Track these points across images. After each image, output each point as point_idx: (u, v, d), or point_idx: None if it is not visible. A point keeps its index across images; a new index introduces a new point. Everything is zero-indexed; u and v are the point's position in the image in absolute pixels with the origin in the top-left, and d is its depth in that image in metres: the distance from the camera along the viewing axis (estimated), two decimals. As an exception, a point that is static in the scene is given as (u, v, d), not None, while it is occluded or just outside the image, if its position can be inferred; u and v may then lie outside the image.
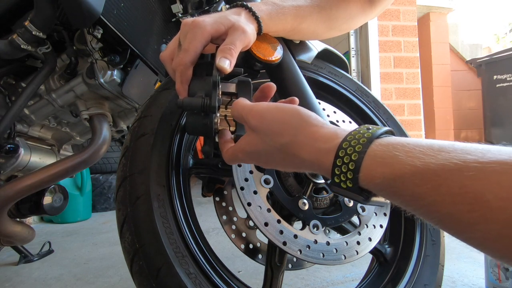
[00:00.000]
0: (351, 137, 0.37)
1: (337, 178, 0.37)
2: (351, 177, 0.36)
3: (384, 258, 0.76)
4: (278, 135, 0.43)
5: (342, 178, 0.37)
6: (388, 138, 0.36)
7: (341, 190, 0.37)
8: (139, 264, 0.54)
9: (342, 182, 0.37)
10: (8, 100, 0.89)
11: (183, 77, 0.53)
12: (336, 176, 0.37)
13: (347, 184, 0.36)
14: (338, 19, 0.70)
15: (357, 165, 0.35)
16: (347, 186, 0.36)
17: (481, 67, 3.29)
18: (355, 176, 0.35)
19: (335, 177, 0.37)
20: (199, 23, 0.53)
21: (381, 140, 0.36)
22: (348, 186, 0.36)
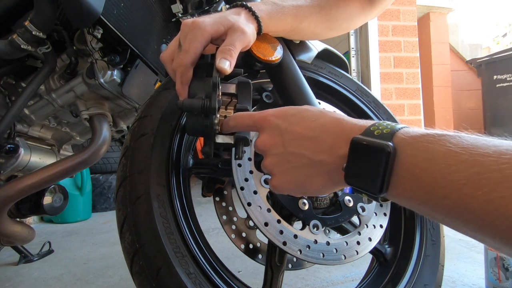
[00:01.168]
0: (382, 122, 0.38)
1: (374, 127, 0.37)
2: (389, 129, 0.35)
3: (384, 258, 0.76)
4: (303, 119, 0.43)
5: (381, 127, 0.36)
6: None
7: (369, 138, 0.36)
8: (139, 264, 0.54)
9: (377, 131, 0.36)
10: (8, 100, 0.89)
11: (183, 78, 0.53)
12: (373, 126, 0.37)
13: (384, 131, 0.35)
14: (338, 19, 0.70)
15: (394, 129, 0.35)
16: (381, 133, 0.35)
17: (481, 67, 3.29)
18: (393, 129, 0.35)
19: (371, 127, 0.37)
20: (199, 23, 0.53)
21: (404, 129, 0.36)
22: (383, 133, 0.35)
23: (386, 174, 0.34)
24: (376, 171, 0.34)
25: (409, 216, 0.79)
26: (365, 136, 0.36)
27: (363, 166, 0.36)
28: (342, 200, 0.66)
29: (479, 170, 0.28)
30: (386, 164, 0.33)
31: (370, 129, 0.37)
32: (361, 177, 0.36)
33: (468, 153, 0.29)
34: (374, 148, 0.34)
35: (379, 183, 0.34)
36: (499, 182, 0.27)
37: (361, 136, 0.37)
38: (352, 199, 0.67)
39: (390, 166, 0.34)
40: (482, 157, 0.28)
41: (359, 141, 0.36)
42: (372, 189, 0.35)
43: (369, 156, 0.35)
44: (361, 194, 0.38)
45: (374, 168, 0.34)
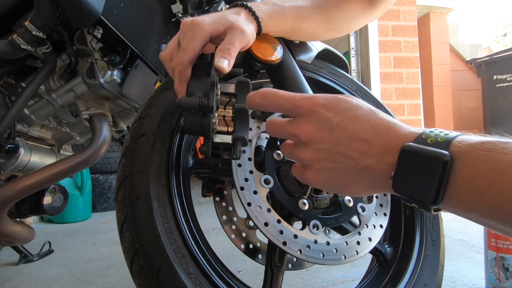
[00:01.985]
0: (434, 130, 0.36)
1: (426, 135, 0.35)
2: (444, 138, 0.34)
3: (384, 258, 0.76)
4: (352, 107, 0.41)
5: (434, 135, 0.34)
6: None
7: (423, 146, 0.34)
8: (139, 264, 0.54)
9: (430, 138, 0.34)
10: (8, 100, 0.89)
11: (182, 76, 0.53)
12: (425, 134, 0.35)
13: (438, 139, 0.34)
14: (338, 20, 0.70)
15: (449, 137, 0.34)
16: (435, 141, 0.34)
17: (481, 67, 3.29)
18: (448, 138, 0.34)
19: (423, 134, 0.35)
20: (198, 22, 0.53)
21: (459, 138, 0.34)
22: (438, 141, 0.33)
23: (442, 184, 0.32)
24: (431, 181, 0.32)
25: (409, 216, 0.79)
26: (417, 144, 0.34)
27: (416, 175, 0.34)
28: (342, 200, 0.66)
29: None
30: (443, 174, 0.32)
31: (422, 137, 0.35)
32: (413, 187, 0.34)
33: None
34: (429, 157, 0.33)
35: (434, 193, 0.32)
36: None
37: (414, 144, 0.35)
38: (352, 199, 0.67)
39: (447, 177, 0.32)
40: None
41: (412, 149, 0.34)
42: (426, 199, 0.33)
43: (424, 165, 0.33)
44: (411, 204, 0.36)
45: (429, 178, 0.33)
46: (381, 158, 0.38)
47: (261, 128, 0.66)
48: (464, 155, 0.32)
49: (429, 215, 0.79)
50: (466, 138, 0.33)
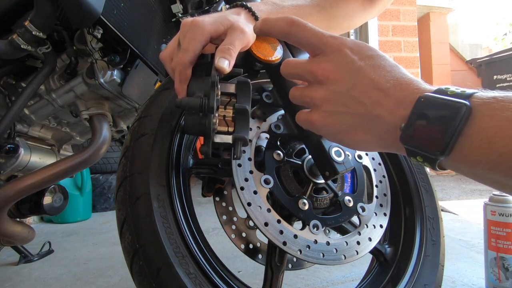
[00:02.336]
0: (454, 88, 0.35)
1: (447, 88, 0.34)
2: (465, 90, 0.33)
3: (384, 258, 0.76)
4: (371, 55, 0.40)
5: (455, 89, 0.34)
6: None
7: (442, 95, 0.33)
8: (139, 264, 0.54)
9: (450, 90, 0.33)
10: (8, 100, 0.89)
11: (182, 76, 0.53)
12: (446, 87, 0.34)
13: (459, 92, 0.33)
14: (338, 18, 0.70)
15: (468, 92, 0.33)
16: (455, 93, 0.33)
17: (481, 67, 3.30)
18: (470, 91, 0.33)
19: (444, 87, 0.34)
20: (198, 23, 0.53)
21: None
22: (457, 93, 0.33)
23: (454, 133, 0.31)
24: (445, 130, 0.32)
25: (409, 216, 0.79)
26: (436, 94, 0.34)
27: (428, 125, 0.33)
28: (342, 200, 0.66)
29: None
30: (459, 123, 0.31)
31: (443, 89, 0.34)
32: (422, 137, 0.33)
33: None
34: (448, 106, 0.32)
35: (443, 144, 0.32)
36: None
37: (431, 94, 0.34)
38: (352, 199, 0.67)
39: (461, 126, 0.31)
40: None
41: (430, 98, 0.34)
42: (433, 149, 0.33)
43: (439, 114, 0.32)
44: (415, 157, 0.35)
45: (443, 127, 0.32)
46: (394, 110, 0.37)
47: (261, 128, 0.66)
48: (484, 106, 0.31)
49: (429, 216, 0.79)
50: (488, 91, 0.32)
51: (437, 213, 0.81)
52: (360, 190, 0.70)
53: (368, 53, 0.41)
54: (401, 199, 0.81)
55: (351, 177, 0.71)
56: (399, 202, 0.80)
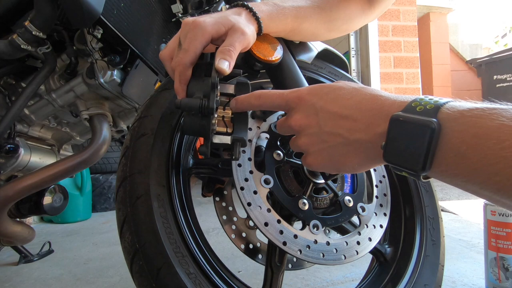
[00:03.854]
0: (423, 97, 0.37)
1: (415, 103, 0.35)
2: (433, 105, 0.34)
3: (384, 258, 0.76)
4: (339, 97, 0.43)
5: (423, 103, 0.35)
6: None
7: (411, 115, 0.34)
8: (139, 264, 0.54)
9: (419, 107, 0.34)
10: (8, 100, 0.89)
11: (182, 77, 0.53)
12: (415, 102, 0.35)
13: (427, 107, 0.34)
14: (338, 20, 0.70)
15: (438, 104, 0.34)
16: (424, 109, 0.34)
17: (481, 67, 3.30)
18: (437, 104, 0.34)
19: (412, 103, 0.36)
20: (200, 23, 0.53)
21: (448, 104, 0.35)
22: (426, 109, 0.34)
23: (429, 151, 0.33)
24: (419, 149, 0.33)
25: (409, 216, 0.79)
26: (406, 113, 0.35)
27: (405, 144, 0.35)
28: (342, 200, 0.66)
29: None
30: (430, 141, 0.32)
31: (412, 105, 0.36)
32: (402, 155, 0.35)
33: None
34: (417, 125, 0.33)
35: (422, 161, 0.33)
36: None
37: (402, 113, 0.35)
38: (352, 199, 0.67)
39: (435, 143, 0.33)
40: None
41: (400, 118, 0.35)
42: (414, 167, 0.34)
43: (412, 133, 0.34)
44: (401, 172, 0.37)
45: (417, 145, 0.33)
46: (368, 130, 0.39)
47: (261, 128, 0.66)
48: (452, 122, 0.32)
49: (429, 216, 0.79)
50: (455, 105, 0.34)
51: (437, 213, 0.81)
52: (360, 190, 0.70)
53: (324, 91, 0.45)
54: (401, 199, 0.81)
55: (351, 177, 0.71)
56: (399, 202, 0.80)
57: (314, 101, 0.44)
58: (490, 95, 3.23)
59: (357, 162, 0.43)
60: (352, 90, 0.43)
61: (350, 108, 0.41)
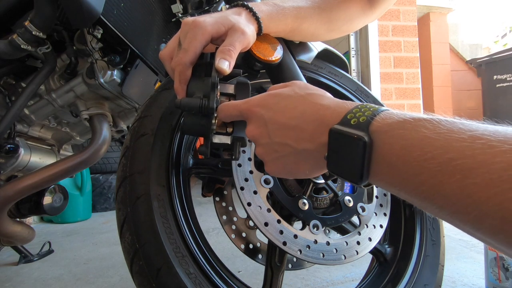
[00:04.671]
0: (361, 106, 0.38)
1: (351, 115, 0.37)
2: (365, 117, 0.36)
3: (384, 258, 0.76)
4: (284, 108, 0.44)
5: (358, 114, 0.36)
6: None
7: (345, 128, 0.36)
8: (139, 264, 0.54)
9: (353, 119, 0.36)
10: (8, 100, 0.89)
11: (182, 76, 0.53)
12: (350, 114, 0.37)
13: (360, 120, 0.36)
14: (338, 21, 0.70)
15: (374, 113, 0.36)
16: (357, 122, 0.36)
17: (481, 67, 3.29)
18: (369, 118, 0.35)
19: (348, 114, 0.37)
20: (200, 23, 0.53)
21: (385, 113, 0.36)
22: (359, 122, 0.36)
23: (364, 163, 0.34)
24: (355, 161, 0.35)
25: (409, 216, 0.79)
26: (342, 126, 0.37)
27: (343, 156, 0.37)
28: (342, 200, 0.66)
29: (453, 156, 0.28)
30: (364, 154, 0.34)
31: (347, 117, 0.37)
32: (342, 166, 0.37)
33: (443, 138, 0.30)
34: (351, 139, 0.35)
35: (359, 172, 0.35)
36: (471, 169, 0.27)
37: (338, 127, 0.37)
38: (352, 199, 0.67)
39: (368, 156, 0.34)
40: (457, 142, 0.29)
41: (337, 131, 0.37)
42: (353, 178, 0.36)
43: (347, 146, 0.35)
44: (344, 181, 0.38)
45: (353, 158, 0.35)
46: (313, 140, 0.41)
47: (261, 128, 0.66)
48: (382, 135, 0.34)
49: (429, 216, 0.79)
50: (387, 117, 0.35)
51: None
52: (360, 190, 0.70)
53: (272, 100, 0.46)
54: (401, 199, 0.81)
55: (351, 177, 0.71)
56: (399, 202, 0.80)
57: (263, 113, 0.46)
58: (490, 95, 3.23)
59: (308, 169, 0.44)
60: (297, 99, 0.44)
61: (296, 119, 0.43)
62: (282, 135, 0.44)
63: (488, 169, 0.26)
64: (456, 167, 0.28)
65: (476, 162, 0.27)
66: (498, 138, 0.27)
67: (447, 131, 0.30)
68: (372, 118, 0.35)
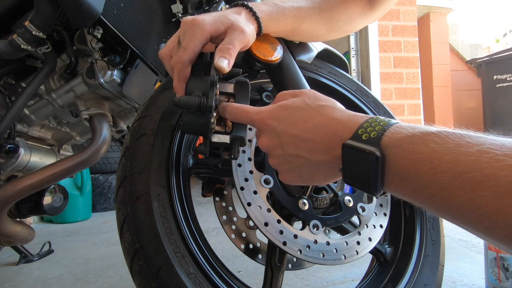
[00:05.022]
0: (371, 120, 0.40)
1: (362, 130, 0.38)
2: (376, 132, 0.37)
3: (384, 258, 0.76)
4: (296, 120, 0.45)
5: (369, 129, 0.38)
6: None
7: (357, 143, 0.37)
8: (139, 264, 0.54)
9: (364, 134, 0.38)
10: (8, 100, 0.89)
11: (181, 75, 0.53)
12: (361, 129, 0.39)
13: (371, 135, 0.37)
14: (338, 21, 0.70)
15: (384, 128, 0.37)
16: (368, 137, 0.37)
17: (481, 67, 3.29)
18: (379, 133, 0.37)
19: (359, 130, 0.39)
20: (199, 21, 0.53)
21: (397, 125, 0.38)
22: (370, 137, 0.37)
23: (378, 177, 0.36)
24: (369, 174, 0.37)
25: (409, 216, 0.79)
26: (354, 141, 0.38)
27: (357, 169, 0.38)
28: (342, 200, 0.66)
29: (462, 170, 0.30)
30: (377, 168, 0.36)
31: (359, 133, 0.39)
32: (357, 179, 0.39)
33: (451, 152, 0.31)
34: (364, 154, 0.36)
35: (374, 184, 0.37)
36: (480, 182, 0.28)
37: (350, 142, 0.38)
38: (352, 199, 0.67)
39: (381, 169, 0.36)
40: (464, 156, 0.30)
41: (350, 146, 0.38)
42: (369, 189, 0.38)
43: (360, 160, 0.37)
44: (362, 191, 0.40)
45: (367, 171, 0.37)
46: (327, 153, 0.42)
47: (261, 128, 0.66)
48: (393, 149, 0.35)
49: (430, 216, 0.79)
50: (396, 131, 0.36)
51: None
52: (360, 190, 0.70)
53: (284, 113, 0.47)
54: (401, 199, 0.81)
55: (351, 177, 0.71)
56: (399, 202, 0.80)
57: (275, 125, 0.46)
58: (490, 95, 3.22)
59: (322, 178, 0.46)
60: (309, 112, 0.45)
61: (309, 132, 0.44)
62: (296, 147, 0.45)
63: (495, 183, 0.27)
64: (465, 180, 0.29)
65: (483, 175, 0.28)
66: (505, 152, 0.28)
67: (455, 145, 0.31)
68: (382, 134, 0.37)
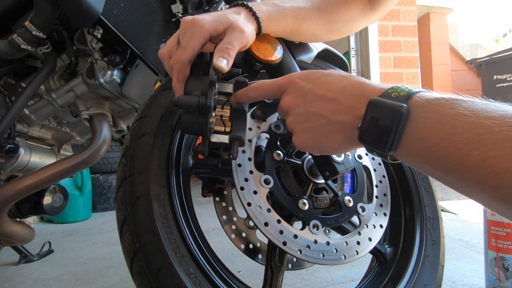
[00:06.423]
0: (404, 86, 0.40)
1: (392, 90, 0.39)
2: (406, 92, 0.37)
3: (384, 258, 0.76)
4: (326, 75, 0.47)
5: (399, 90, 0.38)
6: None
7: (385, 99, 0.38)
8: (139, 264, 0.54)
9: (394, 93, 0.38)
10: (8, 100, 0.89)
11: (180, 75, 0.53)
12: (392, 89, 0.39)
13: (401, 94, 0.37)
14: (338, 22, 0.70)
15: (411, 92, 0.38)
16: (398, 95, 0.37)
17: (481, 67, 3.29)
18: (410, 92, 0.37)
19: (389, 89, 0.39)
20: (198, 21, 0.53)
21: None
22: (400, 95, 0.37)
23: (397, 133, 0.36)
24: (388, 130, 0.36)
25: (409, 216, 0.79)
26: (382, 98, 0.38)
27: (377, 125, 0.38)
28: (342, 200, 0.66)
29: (481, 132, 0.30)
30: (398, 124, 0.36)
31: (388, 91, 0.39)
32: (373, 136, 0.38)
33: (475, 115, 0.31)
34: (389, 109, 0.36)
35: (390, 142, 0.36)
36: (496, 143, 0.29)
37: (378, 98, 0.39)
38: (352, 199, 0.67)
39: (402, 126, 0.36)
40: (486, 119, 0.30)
41: (376, 102, 0.38)
42: (382, 147, 0.37)
43: (384, 116, 0.37)
44: (372, 153, 0.40)
45: (387, 127, 0.37)
46: (349, 113, 0.42)
47: (261, 128, 0.66)
48: (419, 108, 0.36)
49: (429, 216, 0.79)
50: (425, 94, 0.37)
51: (437, 213, 0.81)
52: (360, 190, 0.70)
53: (314, 76, 0.48)
54: (401, 199, 0.81)
55: (351, 177, 0.71)
56: (399, 202, 0.80)
57: (303, 84, 0.48)
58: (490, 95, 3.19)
59: (337, 143, 0.46)
60: (340, 77, 0.46)
61: (335, 92, 0.44)
62: (319, 106, 0.45)
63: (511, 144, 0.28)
64: (481, 141, 0.30)
65: (502, 137, 0.28)
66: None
67: (480, 110, 0.31)
68: (414, 93, 0.37)
